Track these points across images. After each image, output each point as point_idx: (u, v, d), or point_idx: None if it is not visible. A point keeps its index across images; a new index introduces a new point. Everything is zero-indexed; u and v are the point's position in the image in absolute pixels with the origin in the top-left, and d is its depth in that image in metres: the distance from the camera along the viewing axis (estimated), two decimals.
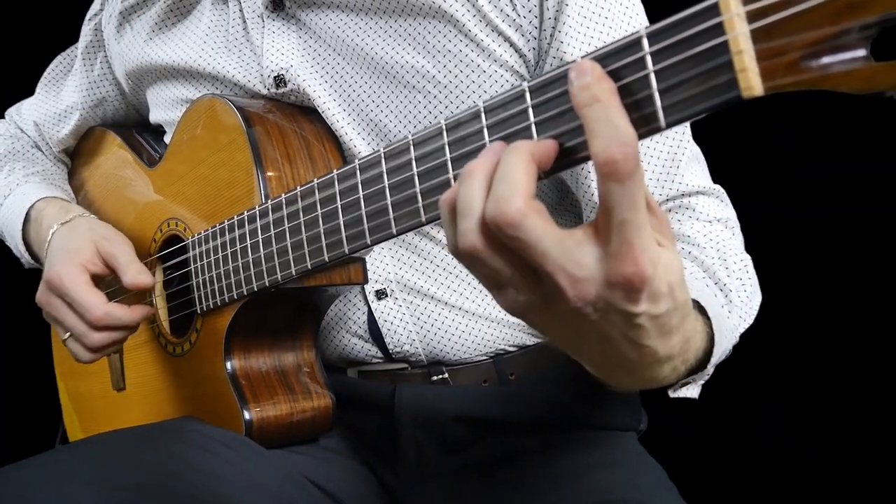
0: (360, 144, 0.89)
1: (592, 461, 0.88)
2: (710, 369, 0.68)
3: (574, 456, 0.90)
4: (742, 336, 0.77)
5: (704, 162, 0.87)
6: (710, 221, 0.82)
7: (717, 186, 0.86)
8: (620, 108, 0.46)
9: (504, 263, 0.49)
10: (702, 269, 0.77)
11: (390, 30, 0.87)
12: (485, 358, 0.92)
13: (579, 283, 0.46)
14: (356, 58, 0.88)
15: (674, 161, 0.83)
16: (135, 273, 0.91)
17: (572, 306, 0.47)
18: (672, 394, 0.70)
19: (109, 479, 0.71)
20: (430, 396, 0.91)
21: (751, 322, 0.78)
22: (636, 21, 0.84)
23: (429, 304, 0.90)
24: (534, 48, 0.85)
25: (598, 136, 0.45)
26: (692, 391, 0.72)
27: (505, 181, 0.48)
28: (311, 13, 0.90)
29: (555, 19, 0.82)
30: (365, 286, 0.90)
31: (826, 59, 0.41)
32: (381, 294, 0.91)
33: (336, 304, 0.92)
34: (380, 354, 0.93)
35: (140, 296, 1.00)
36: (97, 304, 0.90)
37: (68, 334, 0.93)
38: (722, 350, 0.66)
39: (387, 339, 0.91)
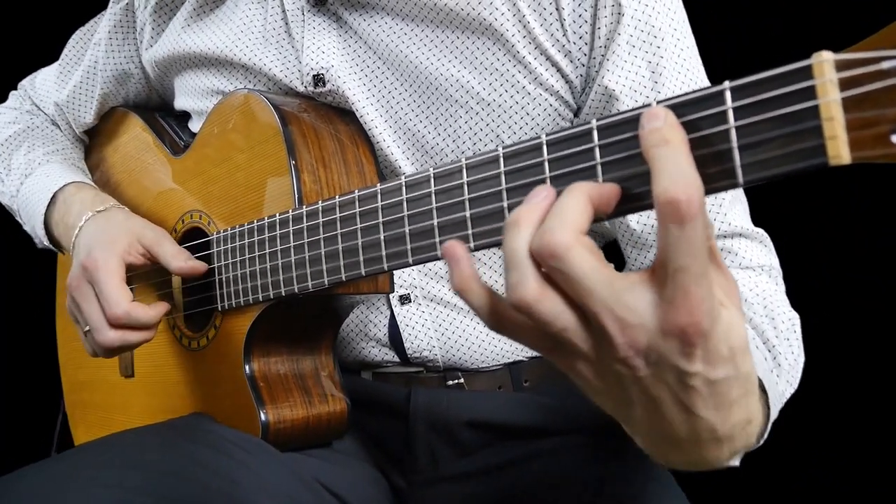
0: (396, 152, 0.88)
1: (603, 466, 0.89)
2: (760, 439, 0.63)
3: (585, 461, 0.90)
4: None
5: (746, 203, 0.84)
6: (753, 269, 0.79)
7: (760, 230, 0.83)
8: (689, 155, 0.45)
9: (556, 312, 0.46)
10: (750, 326, 0.73)
11: (437, 41, 0.85)
12: (500, 365, 0.93)
13: (629, 328, 0.44)
14: (399, 65, 0.87)
15: (716, 198, 0.80)
16: (185, 259, 0.89)
17: (621, 355, 0.45)
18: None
19: (130, 484, 0.70)
20: (446, 400, 0.91)
21: (796, 387, 0.74)
22: (686, 55, 0.83)
23: (451, 312, 0.90)
24: (581, 75, 0.83)
25: (662, 176, 0.43)
26: (735, 460, 0.69)
27: (557, 215, 0.47)
28: (355, 14, 0.89)
29: (605, 47, 0.81)
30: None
31: None
32: (404, 299, 0.90)
33: (358, 308, 0.91)
34: (396, 358, 0.92)
35: (156, 285, 0.98)
36: (121, 301, 0.87)
37: (88, 327, 0.90)
38: (770, 422, 0.62)
39: (406, 344, 0.91)
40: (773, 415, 0.61)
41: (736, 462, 0.64)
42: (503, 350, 0.92)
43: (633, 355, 0.45)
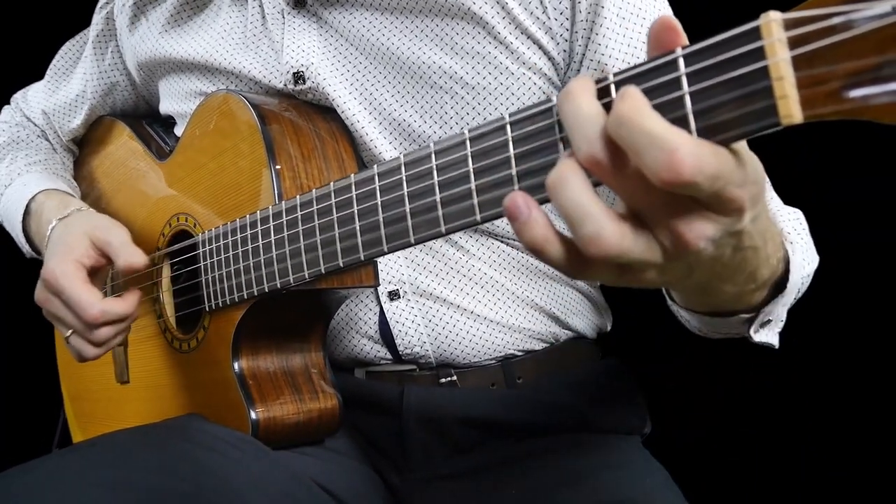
0: (383, 144, 0.88)
1: (597, 463, 0.89)
2: (790, 292, 0.68)
3: (579, 458, 0.90)
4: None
5: None
6: None
7: None
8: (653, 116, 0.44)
9: (633, 244, 0.46)
10: None
11: (416, 30, 0.86)
12: (493, 361, 0.93)
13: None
14: (380, 57, 0.87)
15: None
16: (127, 255, 0.88)
17: (692, 249, 0.46)
18: (755, 336, 0.71)
19: (122, 482, 0.70)
20: (439, 398, 0.91)
21: (813, 269, 0.77)
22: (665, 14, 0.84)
23: (441, 307, 0.90)
24: (564, 50, 0.84)
25: (644, 159, 0.43)
26: (773, 337, 0.72)
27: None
28: (334, 11, 0.89)
29: (590, 21, 0.81)
30: (378, 287, 0.89)
31: (868, 90, 0.40)
32: (393, 295, 0.90)
33: (347, 305, 0.91)
34: (389, 356, 0.92)
35: (146, 289, 0.99)
36: (92, 302, 0.88)
37: (70, 332, 0.91)
38: (798, 279, 0.68)
39: (398, 341, 0.90)
40: (797, 275, 0.68)
41: (775, 340, 0.72)
42: (495, 345, 0.91)
43: (703, 244, 0.46)
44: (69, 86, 1.16)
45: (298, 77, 0.89)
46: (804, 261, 0.74)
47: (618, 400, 0.98)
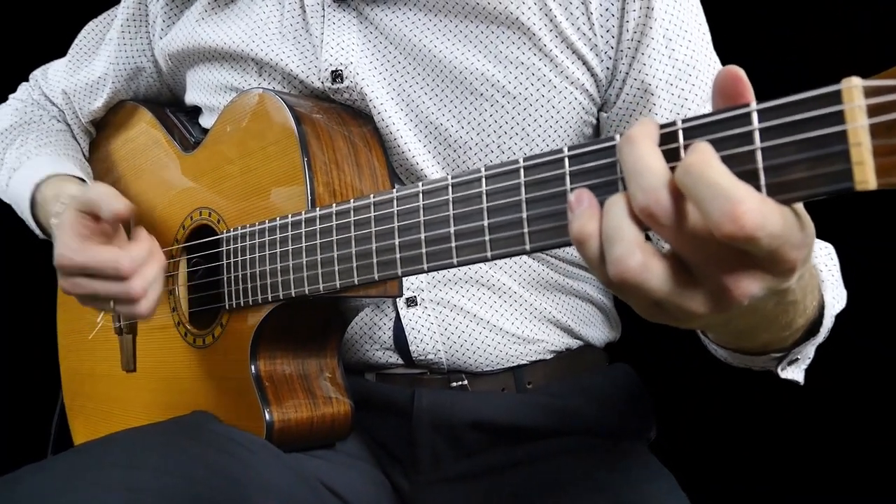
0: (417, 147, 0.88)
1: (604, 468, 0.90)
2: (822, 334, 0.70)
3: (586, 462, 0.91)
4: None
5: None
6: None
7: None
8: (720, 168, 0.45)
9: (663, 279, 0.46)
10: None
11: (461, 34, 0.85)
12: (504, 368, 0.93)
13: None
14: (421, 59, 0.87)
15: None
16: (108, 204, 0.82)
17: (736, 302, 0.46)
18: (781, 373, 0.73)
19: (135, 484, 0.70)
20: (449, 402, 0.92)
21: (841, 308, 0.78)
22: (707, 43, 0.86)
23: (457, 315, 0.90)
24: (607, 68, 0.84)
25: (707, 208, 0.44)
26: (799, 374, 0.74)
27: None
28: (376, 8, 0.88)
29: (636, 41, 0.82)
30: None
31: None
32: (411, 302, 0.90)
33: (363, 310, 0.91)
34: (401, 360, 0.92)
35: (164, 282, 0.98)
36: (117, 256, 0.84)
37: (111, 302, 0.87)
38: (830, 320, 0.70)
39: (412, 347, 0.91)
40: (830, 313, 0.72)
41: (800, 377, 0.74)
42: (507, 354, 0.92)
43: (747, 301, 0.47)
44: (92, 66, 1.14)
45: (336, 75, 0.88)
46: (834, 299, 0.76)
47: (625, 405, 1.00)
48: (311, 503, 0.83)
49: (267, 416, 0.83)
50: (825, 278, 0.76)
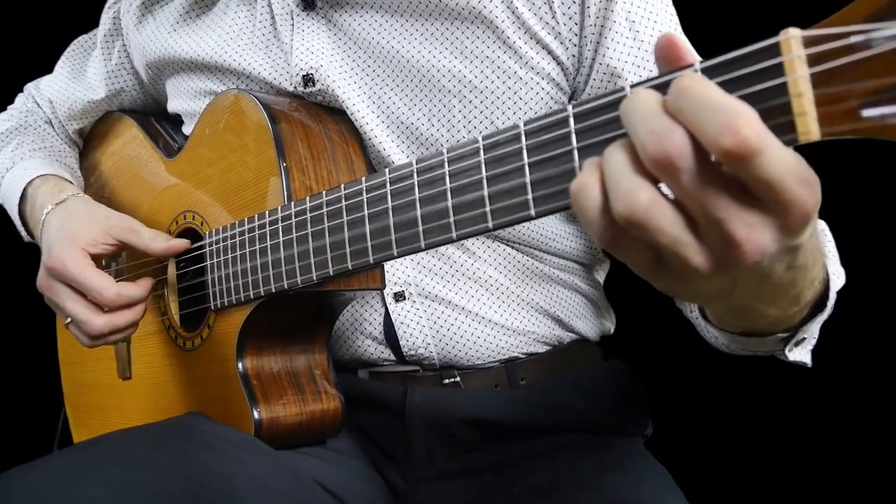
0: (391, 147, 0.88)
1: (599, 465, 0.89)
2: (829, 308, 0.67)
3: (581, 459, 0.90)
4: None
5: None
6: None
7: None
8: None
9: (671, 219, 0.43)
10: None
11: (426, 33, 0.86)
12: (497, 363, 0.93)
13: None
14: (390, 60, 0.87)
15: None
16: (164, 240, 0.91)
17: (747, 261, 0.43)
18: (789, 355, 0.70)
19: (127, 482, 0.70)
20: (442, 399, 0.91)
21: (841, 285, 0.76)
22: (674, 21, 0.85)
23: (446, 309, 0.90)
24: (573, 56, 0.84)
25: (705, 127, 0.41)
26: (806, 355, 0.73)
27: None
28: (343, 13, 0.90)
29: (599, 26, 0.82)
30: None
31: (886, 109, 0.41)
32: (399, 296, 0.90)
33: (352, 306, 0.92)
34: (392, 356, 0.92)
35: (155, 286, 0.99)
36: (107, 285, 0.88)
37: (69, 319, 0.91)
38: (834, 295, 0.67)
39: (402, 342, 0.91)
40: (834, 287, 0.68)
41: (807, 358, 0.72)
42: (499, 347, 0.92)
43: (759, 257, 0.43)
44: (77, 82, 1.16)
45: (308, 79, 0.90)
46: (835, 275, 0.74)
47: (620, 401, 0.99)
48: (305, 501, 0.83)
49: (255, 415, 0.83)
50: (825, 252, 0.73)
